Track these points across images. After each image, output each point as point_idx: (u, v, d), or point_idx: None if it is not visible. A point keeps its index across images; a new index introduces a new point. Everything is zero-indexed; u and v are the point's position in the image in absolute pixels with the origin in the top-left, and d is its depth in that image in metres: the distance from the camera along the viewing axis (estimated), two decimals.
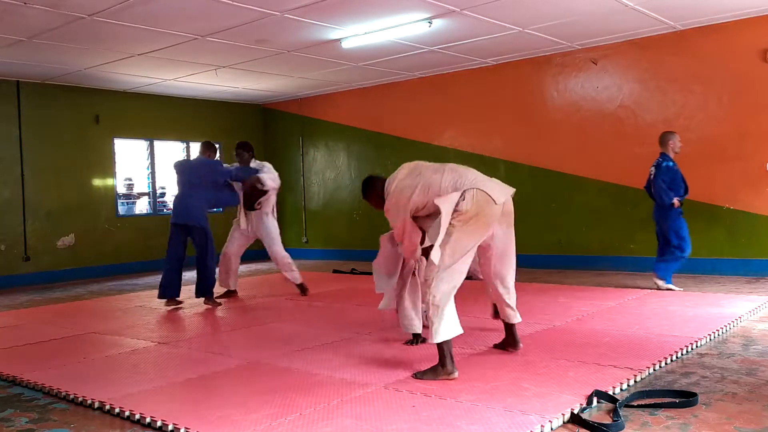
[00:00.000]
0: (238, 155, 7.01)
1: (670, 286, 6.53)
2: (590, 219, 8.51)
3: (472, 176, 3.94)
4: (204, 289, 6.56)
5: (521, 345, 4.20)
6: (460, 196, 3.78)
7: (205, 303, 6.62)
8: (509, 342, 4.23)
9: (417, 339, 4.50)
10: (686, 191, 6.66)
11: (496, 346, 4.31)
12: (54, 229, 9.61)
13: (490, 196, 3.78)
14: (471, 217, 3.73)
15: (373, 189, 4.25)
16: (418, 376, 3.66)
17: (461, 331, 3.72)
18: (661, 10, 6.81)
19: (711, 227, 7.54)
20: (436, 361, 3.71)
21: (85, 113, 9.93)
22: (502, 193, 3.88)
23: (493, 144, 9.39)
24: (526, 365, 3.83)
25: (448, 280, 3.70)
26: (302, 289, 7.10)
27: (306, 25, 6.92)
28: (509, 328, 4.20)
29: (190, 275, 6.95)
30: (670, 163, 6.60)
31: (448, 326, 3.65)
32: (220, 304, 6.63)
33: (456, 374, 3.62)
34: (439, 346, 3.64)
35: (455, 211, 3.75)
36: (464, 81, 9.60)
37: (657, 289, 6.53)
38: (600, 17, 6.99)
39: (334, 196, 11.42)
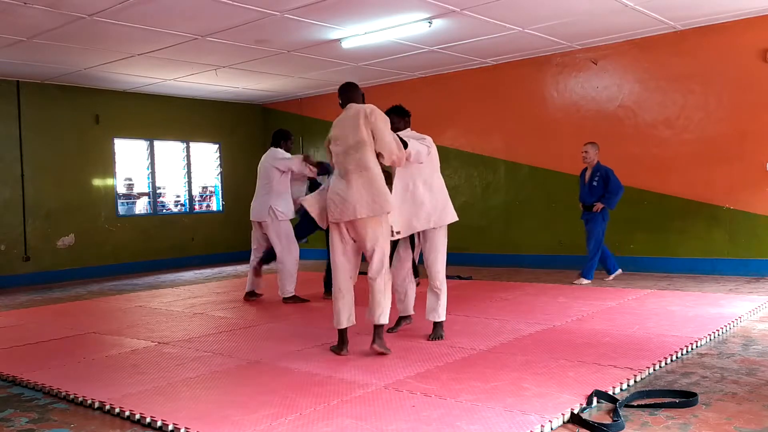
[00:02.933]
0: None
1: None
2: None
3: (340, 185, 4.20)
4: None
5: (380, 348, 4.17)
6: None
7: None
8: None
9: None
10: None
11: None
12: (54, 229, 9.61)
13: (328, 211, 4.23)
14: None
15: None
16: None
17: (338, 325, 4.27)
18: (661, 10, 6.81)
19: (711, 227, 7.54)
20: (434, 361, 3.82)
21: (85, 113, 9.93)
22: (341, 213, 4.16)
23: (493, 144, 9.39)
24: (526, 365, 3.83)
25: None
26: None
27: (306, 25, 6.92)
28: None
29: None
30: None
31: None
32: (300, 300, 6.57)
33: (343, 353, 4.27)
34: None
35: None
36: (464, 81, 9.60)
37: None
38: (600, 17, 6.99)
39: None
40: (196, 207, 11.60)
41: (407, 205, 4.47)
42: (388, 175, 4.40)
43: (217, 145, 11.68)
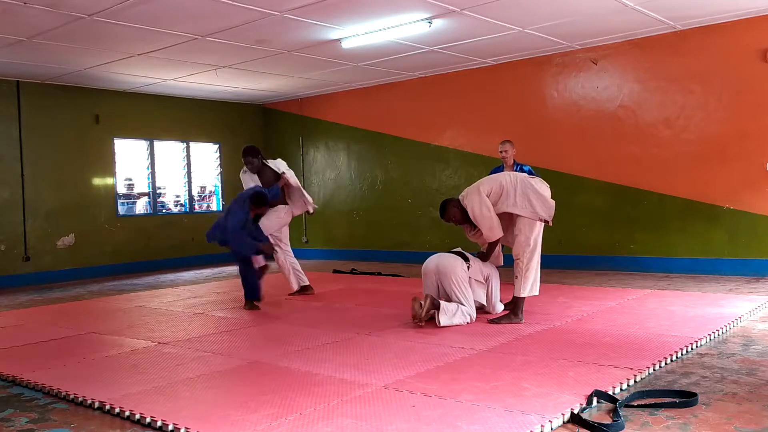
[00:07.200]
0: (247, 162, 6.75)
1: None
2: (590, 219, 8.51)
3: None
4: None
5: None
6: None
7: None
8: None
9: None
10: None
11: None
12: (54, 229, 9.61)
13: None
14: None
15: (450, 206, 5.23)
16: (494, 321, 5.07)
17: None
18: (661, 10, 6.81)
19: (711, 227, 7.54)
20: (434, 361, 3.84)
21: (85, 113, 9.93)
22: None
23: (493, 144, 9.35)
24: (526, 365, 3.83)
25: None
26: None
27: (306, 25, 6.92)
28: None
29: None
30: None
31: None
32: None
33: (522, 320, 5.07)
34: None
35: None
36: (464, 81, 9.60)
37: None
38: (600, 17, 6.99)
39: (334, 196, 11.42)
40: (196, 207, 11.60)
41: None
42: None
43: (217, 145, 11.68)
